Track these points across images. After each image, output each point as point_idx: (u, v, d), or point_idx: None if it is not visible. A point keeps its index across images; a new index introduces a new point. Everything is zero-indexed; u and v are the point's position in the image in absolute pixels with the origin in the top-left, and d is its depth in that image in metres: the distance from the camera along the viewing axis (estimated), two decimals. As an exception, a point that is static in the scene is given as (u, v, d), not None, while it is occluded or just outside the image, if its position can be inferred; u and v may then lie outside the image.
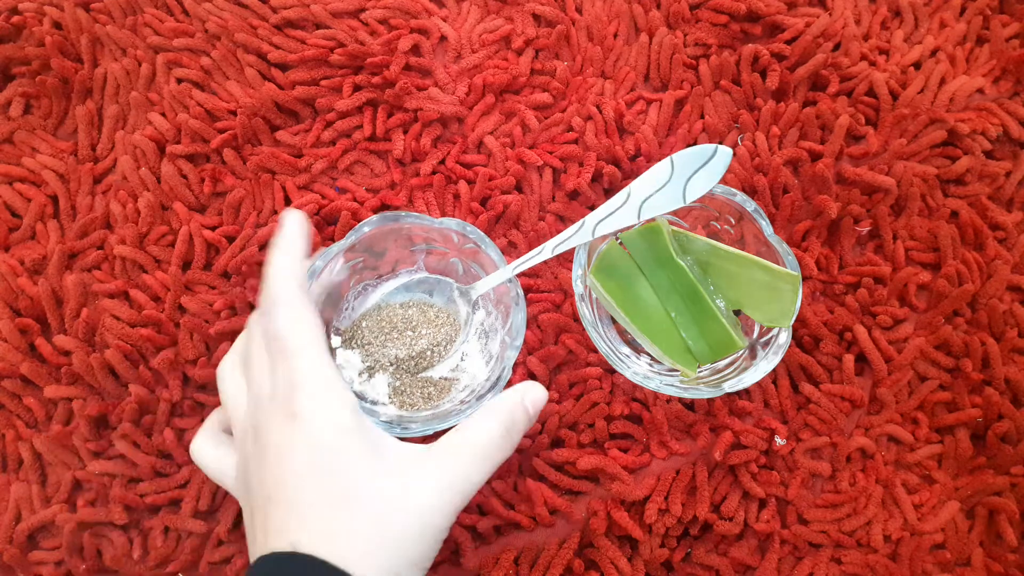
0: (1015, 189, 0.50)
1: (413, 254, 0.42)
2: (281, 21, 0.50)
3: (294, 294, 0.32)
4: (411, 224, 0.38)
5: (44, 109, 0.50)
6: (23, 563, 0.43)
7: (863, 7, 0.54)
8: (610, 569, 0.42)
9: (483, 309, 0.41)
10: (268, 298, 0.33)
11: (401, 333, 0.39)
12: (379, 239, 0.39)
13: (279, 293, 0.32)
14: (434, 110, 0.48)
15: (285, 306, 0.32)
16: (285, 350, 0.31)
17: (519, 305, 0.37)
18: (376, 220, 0.37)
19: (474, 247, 0.39)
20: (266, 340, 0.32)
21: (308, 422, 0.30)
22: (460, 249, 0.40)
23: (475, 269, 0.41)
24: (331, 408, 0.30)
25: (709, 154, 0.35)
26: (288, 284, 0.33)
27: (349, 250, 0.38)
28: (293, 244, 0.34)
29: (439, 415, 0.37)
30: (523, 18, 0.52)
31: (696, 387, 0.40)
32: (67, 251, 0.46)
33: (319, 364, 0.31)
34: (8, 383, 0.44)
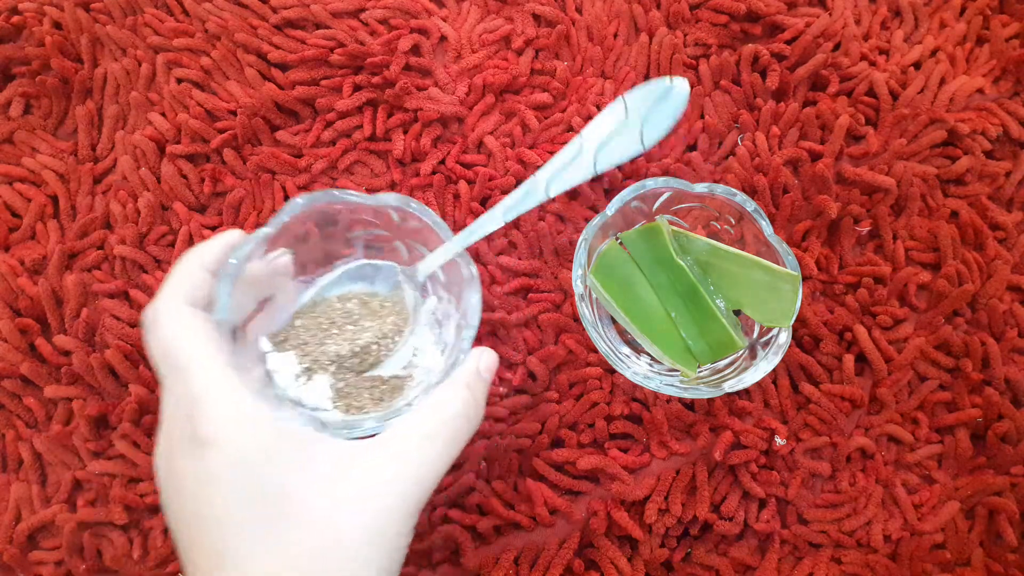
0: (1015, 189, 0.50)
1: (350, 242, 0.37)
2: (281, 21, 0.50)
3: (177, 303, 0.29)
4: (343, 205, 0.33)
5: (44, 109, 0.50)
6: (23, 563, 0.43)
7: (863, 7, 0.54)
8: (610, 569, 0.42)
9: (433, 295, 0.37)
10: (150, 310, 0.29)
11: (341, 328, 0.35)
12: (309, 228, 0.35)
13: (160, 303, 0.29)
14: (434, 110, 0.48)
15: (167, 316, 0.28)
16: (176, 367, 0.27)
17: (472, 285, 0.33)
18: (300, 204, 0.32)
19: (419, 224, 0.34)
20: (154, 359, 0.28)
21: (217, 448, 0.25)
22: (402, 229, 0.36)
23: (421, 251, 0.37)
24: (240, 426, 0.26)
25: (663, 90, 0.31)
26: (173, 292, 0.29)
27: (272, 242, 0.33)
28: (199, 253, 0.31)
29: (392, 413, 0.33)
30: (523, 18, 0.52)
31: (696, 387, 0.40)
32: (67, 251, 0.46)
33: (217, 376, 0.27)
34: (8, 383, 0.44)
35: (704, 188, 0.42)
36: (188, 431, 0.26)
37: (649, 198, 0.43)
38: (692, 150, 0.50)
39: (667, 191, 0.42)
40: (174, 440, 0.27)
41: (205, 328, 0.28)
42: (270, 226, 0.31)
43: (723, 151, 0.50)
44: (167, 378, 0.28)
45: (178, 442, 0.26)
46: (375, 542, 0.26)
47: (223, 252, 0.31)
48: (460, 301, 0.34)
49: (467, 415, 0.30)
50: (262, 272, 0.33)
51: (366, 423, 0.31)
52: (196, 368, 0.27)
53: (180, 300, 0.29)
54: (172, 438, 0.27)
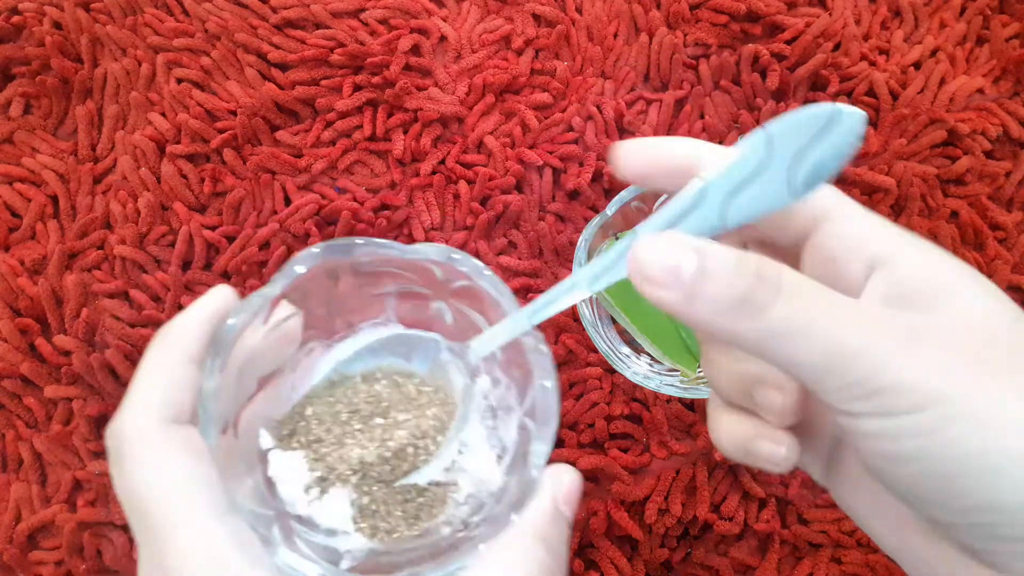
0: (1015, 189, 0.50)
1: (378, 300, 0.29)
2: (281, 21, 0.50)
3: (148, 424, 0.22)
4: (370, 256, 0.26)
5: (44, 109, 0.50)
6: (23, 563, 0.43)
7: (863, 7, 0.54)
8: (610, 569, 0.42)
9: (487, 375, 0.29)
10: (112, 434, 0.22)
11: (366, 422, 0.26)
12: (323, 282, 0.27)
13: (127, 424, 0.22)
14: (434, 110, 0.48)
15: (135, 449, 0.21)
16: (147, 526, 0.21)
17: (545, 371, 0.25)
18: (317, 254, 0.25)
19: (467, 284, 0.26)
20: (121, 503, 0.22)
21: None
22: (446, 288, 0.28)
23: (471, 317, 0.28)
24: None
25: (825, 117, 0.20)
26: (143, 405, 0.22)
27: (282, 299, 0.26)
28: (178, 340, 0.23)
29: (432, 551, 0.25)
30: (523, 18, 0.52)
31: (696, 387, 0.40)
32: (67, 251, 0.46)
33: (202, 540, 0.21)
34: (8, 383, 0.44)
35: (704, 188, 0.42)
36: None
37: (649, 198, 0.43)
38: (692, 150, 0.50)
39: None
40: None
41: (187, 464, 0.21)
42: (275, 284, 0.24)
43: (723, 151, 0.50)
44: (138, 533, 0.21)
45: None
46: None
47: (208, 331, 0.24)
48: (525, 390, 0.26)
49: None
50: (264, 342, 0.25)
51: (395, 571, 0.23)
52: (172, 532, 0.20)
53: (152, 418, 0.22)
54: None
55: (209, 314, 0.24)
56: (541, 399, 0.24)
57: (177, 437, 0.22)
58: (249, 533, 0.22)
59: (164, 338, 0.24)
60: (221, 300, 0.25)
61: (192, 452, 0.22)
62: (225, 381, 0.23)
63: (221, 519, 0.21)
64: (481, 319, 0.28)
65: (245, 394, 0.26)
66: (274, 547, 0.22)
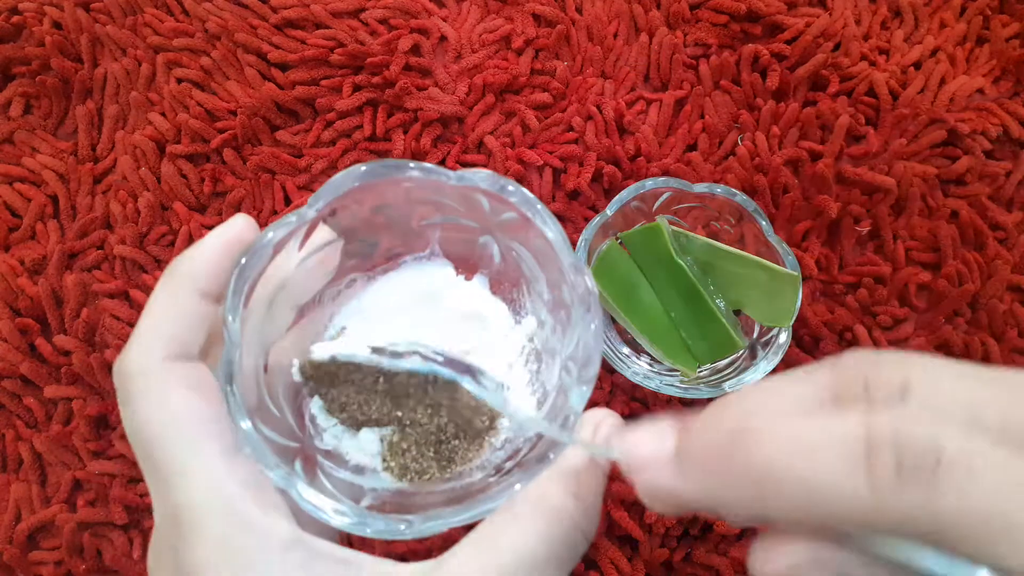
0: (1015, 189, 0.50)
1: (423, 232, 0.27)
2: (281, 21, 0.50)
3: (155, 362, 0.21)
4: (415, 181, 0.23)
5: (44, 109, 0.50)
6: (23, 563, 0.43)
7: (863, 7, 0.54)
8: (610, 569, 0.42)
9: (532, 315, 0.28)
10: (118, 371, 0.21)
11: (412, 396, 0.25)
12: (366, 208, 0.25)
13: (132, 360, 0.21)
14: (434, 110, 0.48)
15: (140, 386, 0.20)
16: (155, 464, 0.20)
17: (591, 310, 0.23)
18: (360, 173, 0.22)
19: (516, 217, 0.24)
20: (130, 440, 0.21)
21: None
22: (493, 221, 0.25)
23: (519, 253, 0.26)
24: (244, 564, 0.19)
25: None
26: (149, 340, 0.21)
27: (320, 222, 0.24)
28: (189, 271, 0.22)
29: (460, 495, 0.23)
30: (523, 18, 0.52)
31: (696, 387, 0.40)
32: (67, 251, 0.46)
33: (211, 482, 0.20)
34: (8, 383, 0.44)
35: (704, 188, 0.42)
36: (171, 555, 0.20)
37: (649, 198, 0.43)
38: (692, 150, 0.50)
39: (667, 191, 0.42)
40: (159, 556, 0.20)
41: (191, 402, 0.20)
42: (314, 204, 0.22)
43: (723, 151, 0.50)
44: (146, 473, 0.21)
45: (164, 562, 0.20)
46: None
47: (221, 262, 0.22)
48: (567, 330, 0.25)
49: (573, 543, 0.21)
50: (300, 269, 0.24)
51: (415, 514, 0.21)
52: (178, 472, 0.20)
53: (157, 356, 0.21)
54: (161, 555, 0.20)
55: (223, 244, 0.22)
56: (584, 341, 0.23)
57: (183, 374, 0.21)
58: (259, 474, 0.21)
59: (172, 271, 0.22)
60: (237, 229, 0.22)
61: (199, 389, 0.21)
62: (256, 309, 0.22)
63: (229, 460, 0.20)
64: (529, 255, 0.26)
65: (279, 324, 0.24)
66: (293, 481, 0.21)
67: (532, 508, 0.20)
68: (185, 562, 0.19)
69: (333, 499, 0.21)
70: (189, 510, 0.19)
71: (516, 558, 0.19)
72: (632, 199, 0.41)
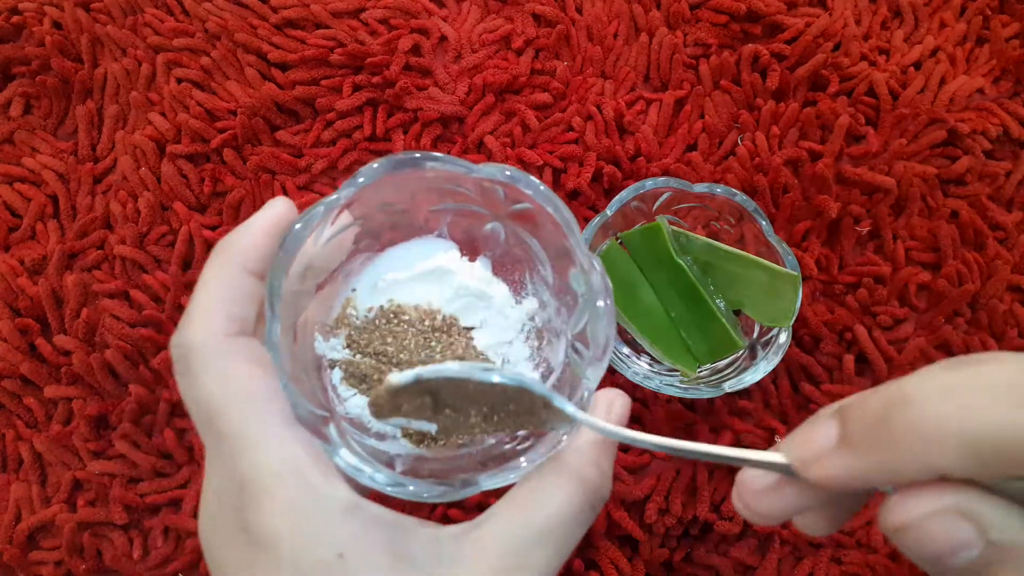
0: (1015, 189, 0.50)
1: (435, 216, 0.30)
2: (281, 21, 0.50)
3: (216, 337, 0.22)
4: (435, 172, 0.25)
5: (44, 109, 0.50)
6: (23, 563, 0.43)
7: (863, 7, 0.54)
8: (610, 569, 0.42)
9: (534, 297, 0.30)
10: (179, 345, 0.22)
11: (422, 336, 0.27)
12: (386, 194, 0.27)
13: (194, 335, 0.22)
14: (434, 110, 0.48)
15: (203, 360, 0.22)
16: (218, 434, 0.21)
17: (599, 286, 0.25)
18: (382, 166, 0.24)
19: (528, 207, 0.26)
20: (190, 412, 0.22)
21: (274, 552, 0.20)
22: (505, 210, 0.28)
23: (525, 239, 0.28)
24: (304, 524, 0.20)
25: None
26: (209, 317, 0.22)
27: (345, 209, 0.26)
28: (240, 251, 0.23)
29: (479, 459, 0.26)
30: (523, 18, 0.52)
31: (696, 387, 0.40)
32: (67, 251, 0.46)
33: (272, 451, 0.21)
34: (8, 383, 0.44)
35: (704, 188, 0.42)
36: (237, 519, 0.21)
37: (649, 198, 0.43)
38: (692, 150, 0.50)
39: (667, 191, 0.42)
40: (221, 524, 0.21)
41: (253, 375, 0.22)
42: (341, 193, 0.24)
43: (723, 151, 0.50)
44: (207, 442, 0.22)
45: (226, 528, 0.21)
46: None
47: (267, 243, 0.24)
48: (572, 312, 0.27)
49: (594, 505, 0.23)
50: (321, 250, 0.26)
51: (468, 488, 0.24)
52: (245, 442, 0.21)
53: (219, 330, 0.22)
54: (218, 520, 0.21)
55: (268, 225, 0.24)
56: (593, 320, 0.24)
57: (245, 349, 0.22)
58: (316, 442, 0.22)
59: (223, 251, 0.23)
60: (280, 212, 0.24)
61: (259, 363, 0.22)
62: (288, 287, 0.23)
63: (292, 429, 0.22)
64: (536, 242, 0.28)
65: (304, 300, 0.26)
66: (336, 448, 0.22)
67: (560, 475, 0.23)
68: (253, 523, 0.20)
69: (369, 464, 0.23)
70: (258, 475, 0.20)
71: (547, 517, 0.22)
72: (632, 199, 0.41)
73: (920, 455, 0.16)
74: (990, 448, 0.15)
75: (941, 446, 0.15)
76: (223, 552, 0.21)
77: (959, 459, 0.15)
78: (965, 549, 0.17)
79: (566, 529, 0.22)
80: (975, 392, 0.15)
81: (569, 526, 0.22)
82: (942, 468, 0.16)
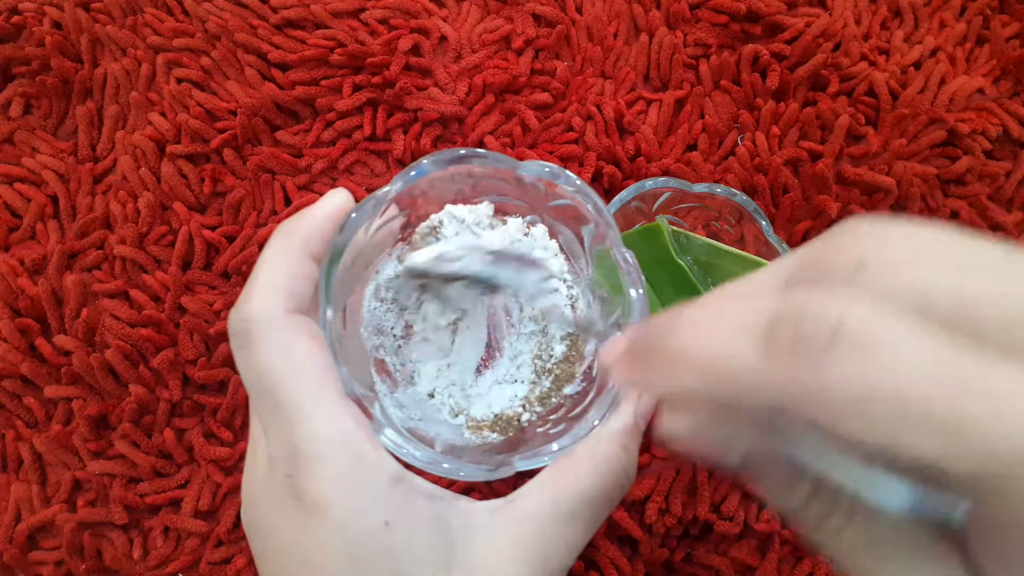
0: (1015, 189, 0.50)
1: None
2: (281, 21, 0.50)
3: (276, 313, 0.23)
4: (479, 168, 0.27)
5: (44, 109, 0.50)
6: (23, 563, 0.43)
7: (863, 7, 0.54)
8: (610, 569, 0.42)
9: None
10: (242, 319, 0.23)
11: None
12: (434, 188, 0.28)
13: (255, 309, 0.23)
14: (434, 110, 0.48)
15: (264, 334, 0.23)
16: (275, 404, 0.22)
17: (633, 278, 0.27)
18: (432, 162, 0.26)
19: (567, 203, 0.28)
20: (246, 382, 0.23)
21: (326, 517, 0.21)
22: (544, 204, 0.29)
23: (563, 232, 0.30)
24: (355, 491, 0.21)
25: None
26: (270, 294, 0.23)
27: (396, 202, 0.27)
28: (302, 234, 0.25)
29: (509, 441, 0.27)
30: (523, 18, 0.52)
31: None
32: (67, 251, 0.46)
33: (328, 422, 0.22)
34: (8, 383, 0.44)
35: (704, 188, 0.42)
36: (289, 485, 0.22)
37: (649, 198, 0.43)
38: (692, 150, 0.50)
39: (667, 191, 0.42)
40: (273, 492, 0.22)
41: (312, 348, 0.23)
42: (393, 186, 0.26)
43: (723, 151, 0.50)
44: (261, 410, 0.23)
45: (277, 495, 0.22)
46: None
47: (327, 229, 0.25)
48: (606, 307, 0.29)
49: (621, 487, 0.25)
50: (370, 239, 0.27)
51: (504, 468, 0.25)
52: (304, 412, 0.22)
53: (279, 307, 0.23)
54: (269, 488, 0.22)
55: (327, 213, 0.25)
56: (626, 311, 0.26)
57: (304, 325, 0.23)
58: (364, 417, 0.23)
59: (287, 233, 0.25)
60: (340, 201, 0.26)
61: (316, 339, 0.23)
62: (341, 272, 0.25)
63: (345, 402, 0.23)
64: (572, 236, 0.30)
65: (353, 285, 0.28)
66: (381, 426, 0.24)
67: (590, 457, 0.25)
68: (305, 490, 0.21)
69: (410, 442, 0.24)
70: (314, 444, 0.21)
71: (577, 495, 0.24)
72: (632, 199, 0.41)
73: (668, 376, 0.17)
74: (718, 376, 0.15)
75: (683, 369, 0.16)
76: (272, 519, 0.22)
77: (697, 383, 0.16)
78: (723, 458, 0.18)
79: (595, 507, 0.24)
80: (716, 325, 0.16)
81: (598, 505, 0.24)
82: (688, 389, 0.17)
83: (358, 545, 0.21)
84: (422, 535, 0.22)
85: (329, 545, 0.21)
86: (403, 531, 0.22)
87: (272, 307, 0.23)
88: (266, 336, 0.23)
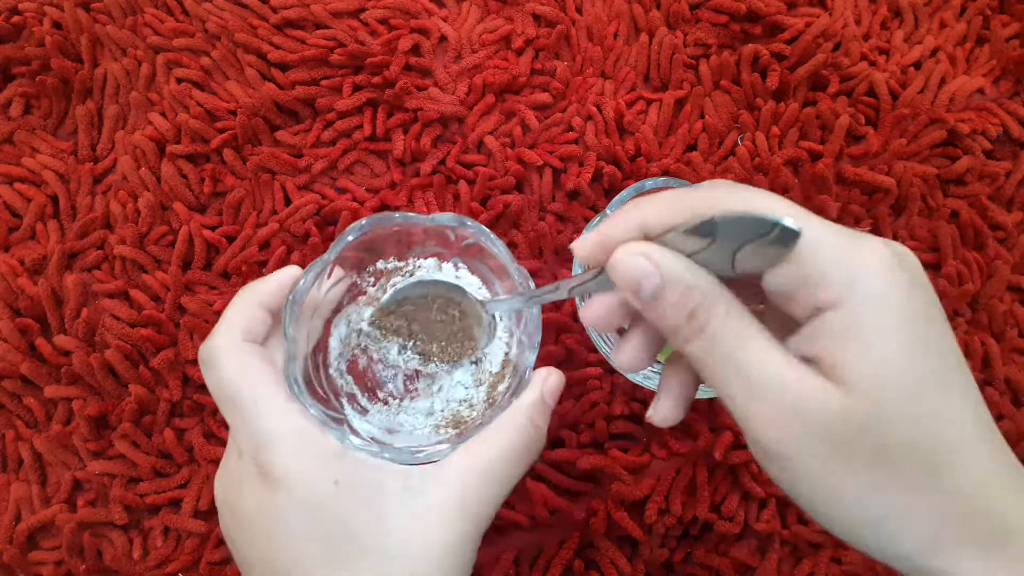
0: (1015, 189, 0.50)
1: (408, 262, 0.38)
2: (281, 21, 0.50)
3: (235, 341, 0.29)
4: (402, 226, 0.34)
5: (44, 109, 0.50)
6: (23, 563, 0.43)
7: (863, 7, 0.54)
8: (610, 569, 0.42)
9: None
10: (208, 348, 0.30)
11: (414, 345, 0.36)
12: (369, 247, 0.35)
13: (218, 341, 0.29)
14: (434, 110, 0.48)
15: (225, 355, 0.29)
16: (239, 407, 0.28)
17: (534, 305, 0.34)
18: (363, 225, 0.33)
19: (474, 243, 0.35)
20: (215, 397, 0.29)
21: (286, 489, 0.27)
22: (459, 248, 0.36)
23: (479, 267, 0.37)
24: (309, 464, 0.27)
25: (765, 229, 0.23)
26: (230, 329, 0.30)
27: (337, 264, 0.34)
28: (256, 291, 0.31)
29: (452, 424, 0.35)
30: (523, 18, 0.52)
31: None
32: (67, 251, 0.46)
33: (281, 414, 0.28)
34: (8, 383, 0.44)
35: (704, 188, 0.42)
36: (256, 466, 0.27)
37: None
38: (692, 150, 0.50)
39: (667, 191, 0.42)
40: (242, 476, 0.28)
41: (263, 365, 0.29)
42: (331, 252, 0.32)
43: (723, 151, 0.50)
44: (229, 416, 0.29)
45: (247, 479, 0.28)
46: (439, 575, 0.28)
47: (281, 289, 0.31)
48: (520, 318, 0.35)
49: (529, 448, 0.30)
50: (325, 295, 0.34)
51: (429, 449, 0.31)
52: (259, 408, 0.28)
53: (238, 338, 0.30)
54: (239, 474, 0.28)
55: (280, 278, 0.32)
56: (530, 321, 0.33)
57: (255, 349, 0.30)
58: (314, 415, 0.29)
59: (248, 290, 0.31)
60: (291, 271, 0.32)
61: (266, 359, 0.30)
62: (302, 322, 0.32)
63: (292, 401, 0.29)
64: (488, 272, 0.37)
65: (317, 333, 0.35)
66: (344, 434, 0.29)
67: (504, 427, 0.30)
68: (268, 464, 0.27)
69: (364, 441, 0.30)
70: (270, 428, 0.28)
71: (494, 455, 0.29)
72: (632, 199, 0.41)
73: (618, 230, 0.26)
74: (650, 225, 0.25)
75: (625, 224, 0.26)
76: (243, 500, 0.28)
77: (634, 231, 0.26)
78: (647, 277, 0.24)
79: (507, 466, 0.29)
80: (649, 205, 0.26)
81: (509, 464, 0.29)
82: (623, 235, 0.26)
83: (313, 503, 0.27)
84: (366, 490, 0.28)
85: (291, 506, 0.27)
86: (350, 488, 0.27)
87: (232, 338, 0.29)
88: (227, 358, 0.29)
